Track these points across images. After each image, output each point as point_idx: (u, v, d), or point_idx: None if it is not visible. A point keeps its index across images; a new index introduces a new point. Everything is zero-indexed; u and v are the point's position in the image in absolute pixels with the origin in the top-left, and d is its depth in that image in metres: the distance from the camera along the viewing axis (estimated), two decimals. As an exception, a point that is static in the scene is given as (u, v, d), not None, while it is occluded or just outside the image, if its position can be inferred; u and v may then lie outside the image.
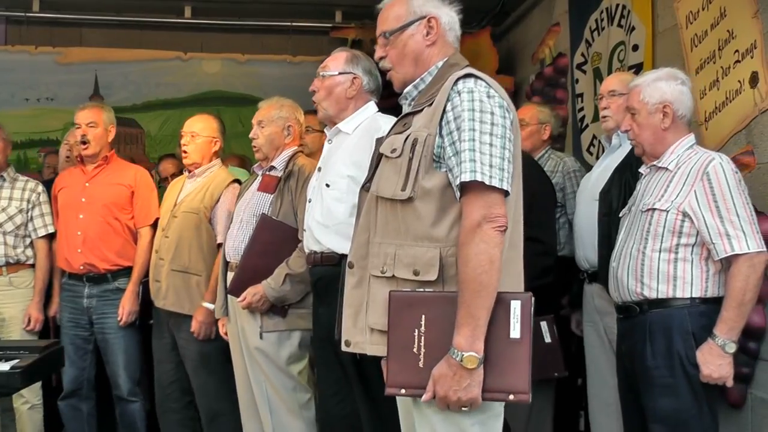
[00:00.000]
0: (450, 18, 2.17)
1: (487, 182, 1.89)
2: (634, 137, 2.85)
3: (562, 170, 3.98)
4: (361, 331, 2.08)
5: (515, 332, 1.89)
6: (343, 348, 2.14)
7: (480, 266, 1.86)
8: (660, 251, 2.65)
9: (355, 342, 2.11)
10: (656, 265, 2.66)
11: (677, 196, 2.65)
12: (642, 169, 2.89)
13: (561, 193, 3.90)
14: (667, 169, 2.74)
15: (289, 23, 6.58)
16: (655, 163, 2.79)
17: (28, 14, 6.37)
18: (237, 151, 5.72)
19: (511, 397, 1.89)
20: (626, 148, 3.23)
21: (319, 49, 3.19)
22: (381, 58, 2.22)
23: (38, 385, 3.97)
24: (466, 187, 1.92)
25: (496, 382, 1.89)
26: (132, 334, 4.00)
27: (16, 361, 2.86)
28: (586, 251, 3.34)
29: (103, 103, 4.81)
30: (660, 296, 2.65)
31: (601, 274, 3.07)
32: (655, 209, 2.68)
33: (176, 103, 6.54)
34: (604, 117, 3.41)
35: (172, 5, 6.37)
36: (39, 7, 6.35)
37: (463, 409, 1.89)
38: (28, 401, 4.03)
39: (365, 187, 2.18)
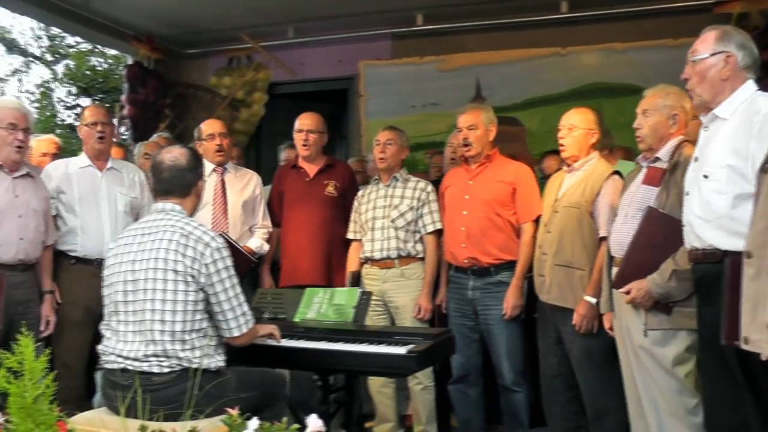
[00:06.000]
0: None
1: None
2: None
3: None
4: (759, 328, 1.90)
5: None
6: (742, 346, 1.97)
7: None
8: None
9: (753, 340, 1.94)
10: None
11: None
12: None
13: None
14: None
15: (667, 5, 6.26)
16: None
17: (412, 28, 6.87)
18: (618, 143, 5.57)
19: None
20: None
21: (702, 28, 2.99)
22: None
23: (430, 368, 4.24)
24: None
25: None
26: (515, 325, 4.10)
27: (412, 346, 3.09)
28: None
29: (484, 105, 5.00)
30: None
31: None
32: None
33: (555, 98, 6.56)
34: None
35: (547, 2, 6.41)
36: (422, 20, 6.80)
37: None
38: (422, 382, 4.34)
39: (764, 168, 1.99)
